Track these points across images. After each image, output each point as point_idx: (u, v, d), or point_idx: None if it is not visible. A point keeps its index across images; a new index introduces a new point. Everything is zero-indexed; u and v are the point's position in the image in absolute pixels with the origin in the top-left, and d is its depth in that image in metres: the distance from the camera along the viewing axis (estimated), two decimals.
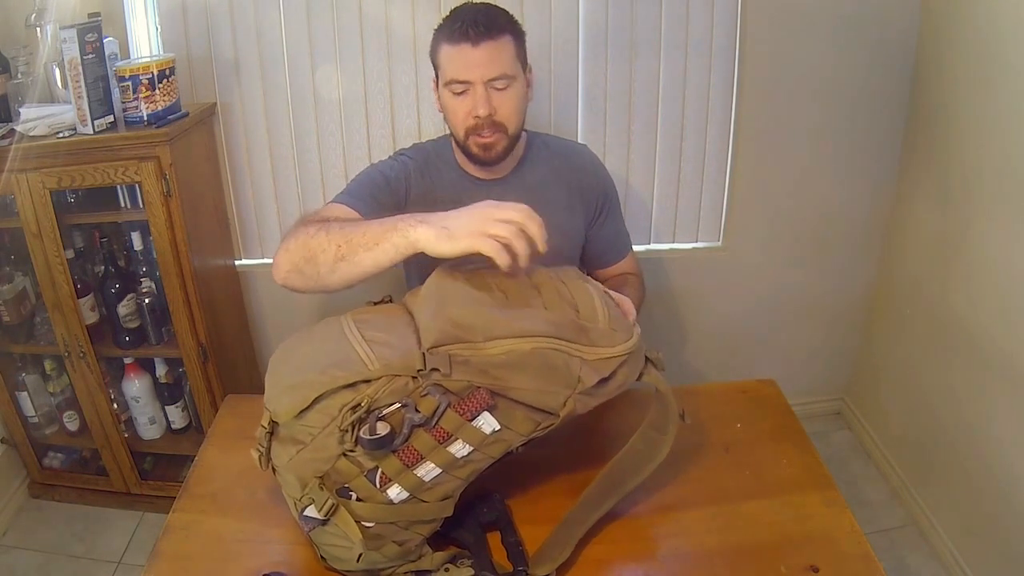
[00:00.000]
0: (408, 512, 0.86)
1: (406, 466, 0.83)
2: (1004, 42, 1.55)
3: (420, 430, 0.83)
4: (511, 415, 0.84)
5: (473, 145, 1.26)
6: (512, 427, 0.85)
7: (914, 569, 1.80)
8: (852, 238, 2.12)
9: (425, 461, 0.83)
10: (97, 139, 1.61)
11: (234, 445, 1.19)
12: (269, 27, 1.81)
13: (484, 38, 1.17)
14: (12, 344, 1.90)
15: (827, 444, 2.23)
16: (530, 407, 0.85)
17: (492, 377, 0.83)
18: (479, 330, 0.84)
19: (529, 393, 0.84)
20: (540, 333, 0.84)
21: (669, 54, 1.87)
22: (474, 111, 1.21)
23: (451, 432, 0.83)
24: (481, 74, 1.19)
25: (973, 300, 1.69)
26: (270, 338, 2.18)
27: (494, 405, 0.83)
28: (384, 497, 0.85)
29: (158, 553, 0.98)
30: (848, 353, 2.29)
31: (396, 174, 1.33)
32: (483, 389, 0.82)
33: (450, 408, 0.82)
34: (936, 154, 1.85)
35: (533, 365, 0.84)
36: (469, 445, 0.84)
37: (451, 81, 1.21)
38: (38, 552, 1.93)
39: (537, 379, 0.84)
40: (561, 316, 0.87)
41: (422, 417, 0.82)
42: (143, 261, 1.86)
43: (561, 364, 0.85)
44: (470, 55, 1.18)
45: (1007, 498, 1.57)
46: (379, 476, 0.84)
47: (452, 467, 0.85)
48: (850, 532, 0.97)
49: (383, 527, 0.86)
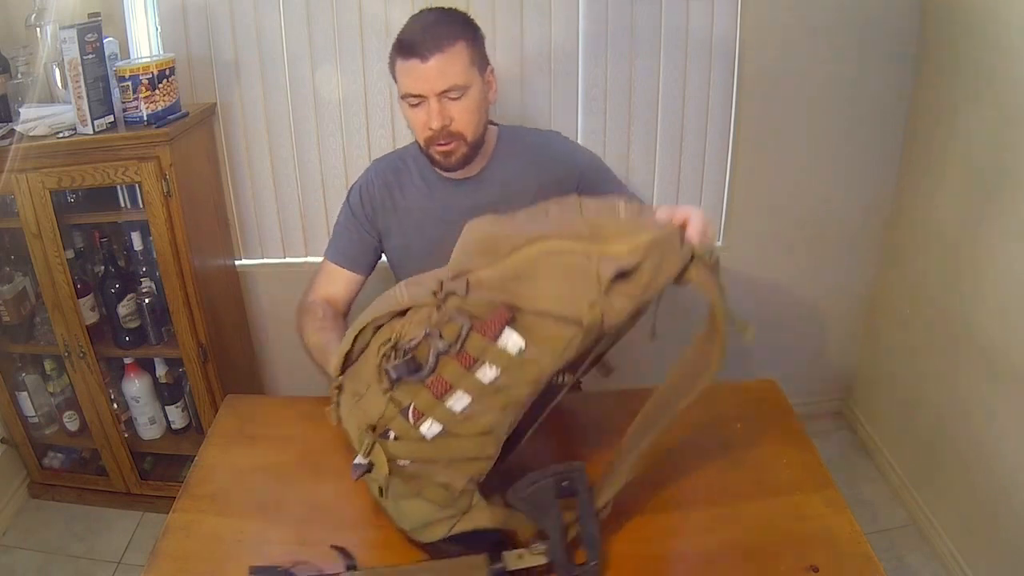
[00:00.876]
0: (443, 448, 0.85)
1: (437, 397, 0.83)
2: (1004, 42, 1.55)
3: (447, 357, 0.82)
4: (534, 329, 0.80)
5: (435, 153, 1.28)
6: (538, 343, 0.80)
7: (914, 569, 1.80)
8: (852, 238, 2.12)
9: (455, 390, 0.82)
10: (97, 139, 1.61)
11: (234, 445, 1.19)
12: (269, 27, 1.81)
13: (433, 52, 1.17)
14: (12, 344, 1.90)
15: (827, 444, 2.22)
16: (555, 318, 0.80)
17: (510, 292, 0.81)
18: (493, 250, 0.84)
19: (548, 300, 0.80)
20: (549, 236, 0.82)
21: (669, 54, 1.87)
22: (429, 123, 1.23)
23: (477, 356, 0.81)
24: (432, 88, 1.19)
25: (973, 300, 1.69)
26: (270, 338, 2.18)
27: (513, 318, 0.80)
28: (418, 434, 0.85)
29: (158, 553, 0.98)
30: (848, 353, 2.29)
31: (359, 203, 1.40)
32: (501, 305, 0.81)
33: (473, 330, 0.81)
34: (936, 154, 1.85)
35: (545, 270, 0.80)
36: (496, 367, 0.81)
37: (405, 95, 1.23)
38: (38, 552, 1.93)
39: (553, 284, 0.80)
40: (577, 222, 0.85)
41: (447, 343, 0.81)
42: (143, 261, 1.86)
43: (576, 264, 0.80)
44: (420, 70, 1.19)
45: (1007, 498, 1.57)
46: (412, 411, 0.84)
47: (484, 395, 0.82)
48: (850, 532, 0.97)
49: (420, 466, 0.86)
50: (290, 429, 1.22)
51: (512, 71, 1.85)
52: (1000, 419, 1.60)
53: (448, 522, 0.88)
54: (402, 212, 1.38)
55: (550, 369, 0.82)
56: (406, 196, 1.38)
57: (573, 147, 1.47)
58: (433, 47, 1.17)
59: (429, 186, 1.37)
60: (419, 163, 1.38)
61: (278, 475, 1.12)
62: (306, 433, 1.21)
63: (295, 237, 2.03)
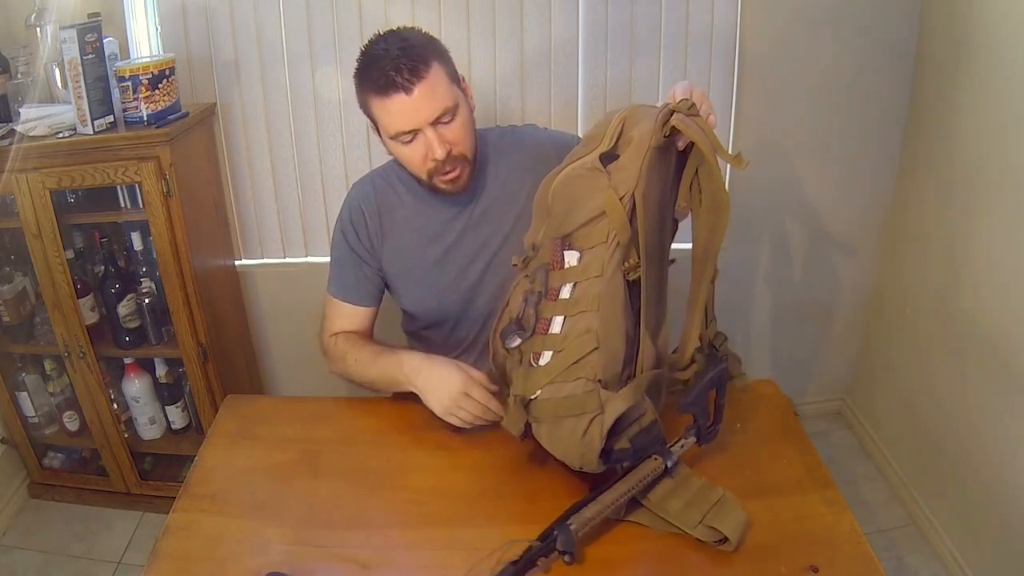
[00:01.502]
0: (557, 364, 0.98)
1: (543, 334, 1.00)
2: (1004, 42, 1.55)
3: (543, 302, 1.01)
4: (582, 239, 0.98)
5: (439, 183, 1.22)
6: (589, 247, 0.98)
7: (914, 569, 1.80)
8: (852, 238, 2.12)
9: (551, 319, 0.99)
10: (97, 139, 1.61)
11: (234, 445, 1.19)
12: (269, 27, 1.81)
13: (415, 81, 1.10)
14: (12, 344, 1.91)
15: (827, 444, 2.22)
16: (587, 222, 0.98)
17: (556, 229, 1.00)
18: (543, 208, 1.04)
19: (577, 213, 0.98)
20: (560, 169, 1.05)
21: (669, 53, 1.87)
22: (431, 155, 1.16)
23: (557, 286, 1.00)
24: (425, 118, 1.13)
25: (973, 300, 1.69)
26: (270, 338, 2.19)
27: (567, 244, 0.99)
28: (537, 367, 1.00)
29: (158, 553, 0.98)
30: (848, 353, 2.29)
31: (354, 233, 1.33)
32: (554, 240, 1.00)
33: (550, 271, 1.01)
34: (936, 154, 1.85)
35: (563, 196, 1.01)
36: (569, 283, 0.98)
37: (398, 134, 1.16)
38: (38, 552, 1.93)
39: (572, 200, 1.00)
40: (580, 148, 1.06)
41: (537, 294, 1.01)
42: (143, 261, 1.86)
43: (577, 175, 1.01)
44: (407, 104, 1.12)
45: (1007, 498, 1.57)
46: (531, 358, 1.02)
47: (569, 307, 0.98)
48: (850, 532, 0.97)
49: (547, 390, 0.98)
50: (290, 429, 1.22)
51: (512, 71, 1.85)
52: (1000, 419, 1.60)
53: (596, 425, 0.94)
54: (396, 237, 1.32)
55: (610, 259, 0.96)
56: (397, 220, 1.32)
57: (550, 135, 1.42)
58: (413, 77, 1.10)
59: (420, 205, 1.31)
60: (406, 182, 1.32)
61: (278, 475, 1.12)
62: (306, 433, 1.21)
63: (295, 237, 2.03)
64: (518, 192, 1.30)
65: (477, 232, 1.31)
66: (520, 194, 1.29)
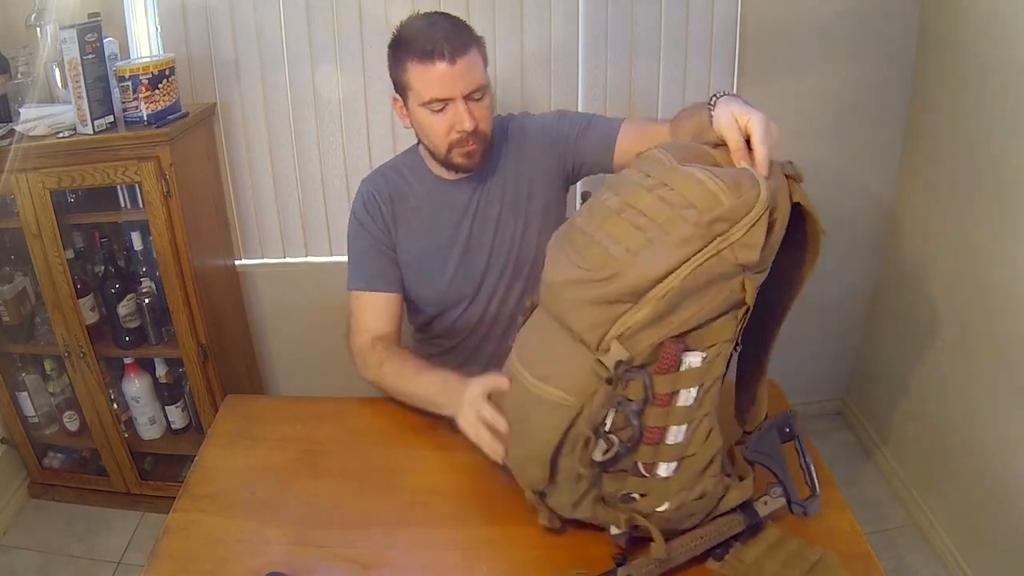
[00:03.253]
0: (686, 472, 0.87)
1: (656, 444, 0.85)
2: (1004, 41, 1.55)
3: (647, 408, 0.83)
4: (706, 337, 0.82)
5: (456, 156, 1.26)
6: (716, 342, 0.83)
7: (914, 569, 1.80)
8: (852, 238, 2.12)
9: (668, 428, 0.84)
10: (97, 139, 1.61)
11: (234, 445, 1.19)
12: (269, 27, 1.81)
13: (459, 54, 1.18)
14: (12, 344, 1.90)
15: (827, 444, 2.22)
16: (717, 316, 0.82)
17: (667, 326, 0.80)
18: (625, 292, 0.80)
19: (707, 310, 0.80)
20: (679, 260, 0.78)
21: (669, 53, 1.87)
22: (458, 126, 1.22)
23: (670, 392, 0.83)
24: (461, 90, 1.20)
25: (973, 299, 1.69)
26: (270, 338, 2.19)
27: (686, 345, 0.81)
28: (657, 480, 0.87)
29: (158, 553, 0.98)
30: (848, 353, 2.29)
31: (370, 220, 1.34)
32: (667, 340, 0.80)
33: (655, 375, 0.82)
34: (936, 153, 1.85)
35: (693, 289, 0.79)
36: (692, 388, 0.83)
37: (431, 100, 1.21)
38: (38, 552, 1.93)
39: (706, 296, 0.80)
40: (685, 227, 0.79)
41: (638, 402, 0.82)
42: (143, 261, 1.86)
43: (716, 266, 0.79)
44: (448, 73, 1.18)
45: (1008, 498, 1.57)
46: (642, 467, 0.87)
47: (693, 412, 0.85)
48: (850, 532, 0.97)
49: (676, 498, 0.87)
50: (290, 429, 1.22)
51: (512, 71, 1.85)
52: (1001, 419, 1.60)
53: (713, 507, 0.91)
54: (408, 224, 1.36)
55: (732, 342, 0.85)
56: (408, 207, 1.36)
57: (543, 119, 1.43)
58: (459, 49, 1.18)
59: (430, 192, 1.36)
60: (416, 171, 1.37)
61: (278, 475, 1.11)
62: (306, 433, 1.21)
63: (295, 237, 2.03)
64: (523, 178, 1.36)
65: (485, 216, 1.36)
66: (524, 181, 1.36)
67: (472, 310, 1.40)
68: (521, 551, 0.97)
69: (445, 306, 1.41)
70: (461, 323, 1.41)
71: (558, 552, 0.96)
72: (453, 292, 1.38)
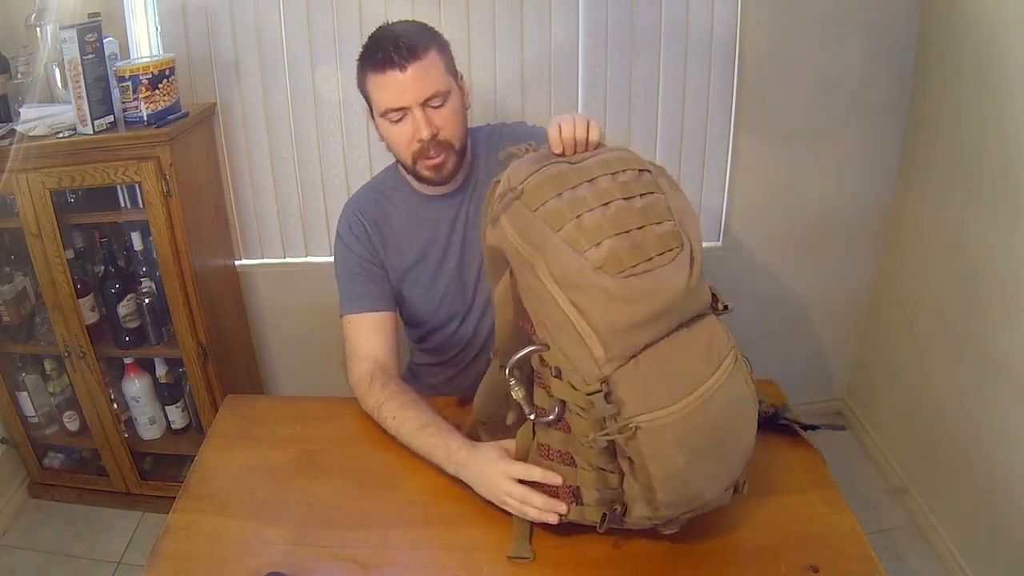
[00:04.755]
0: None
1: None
2: (1004, 42, 1.55)
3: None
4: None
5: (423, 169, 1.23)
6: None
7: (914, 569, 1.80)
8: (852, 238, 2.12)
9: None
10: (97, 139, 1.61)
11: (234, 445, 1.19)
12: (269, 27, 1.81)
13: (410, 60, 1.14)
14: (12, 344, 1.90)
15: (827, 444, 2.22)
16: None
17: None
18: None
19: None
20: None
21: (669, 54, 1.87)
22: (416, 135, 1.18)
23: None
24: (415, 97, 1.16)
25: (973, 299, 1.69)
26: (270, 338, 2.19)
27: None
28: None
29: (158, 553, 0.98)
30: (848, 353, 2.29)
31: (356, 242, 1.32)
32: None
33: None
34: (936, 153, 1.85)
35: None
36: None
37: (387, 111, 1.18)
38: (38, 552, 1.93)
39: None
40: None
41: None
42: (143, 261, 1.86)
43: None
44: (400, 81, 1.15)
45: (1008, 498, 1.57)
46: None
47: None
48: (850, 532, 0.97)
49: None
50: (290, 429, 1.22)
51: (512, 71, 1.85)
52: (1000, 419, 1.60)
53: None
54: (396, 244, 1.32)
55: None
56: (394, 228, 1.32)
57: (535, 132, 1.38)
58: (409, 56, 1.14)
59: (414, 210, 1.32)
60: (399, 190, 1.33)
61: (278, 475, 1.12)
62: (306, 433, 1.21)
63: (295, 237, 2.03)
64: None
65: (474, 230, 1.32)
66: None
67: (465, 327, 1.38)
68: None
69: (438, 324, 1.38)
70: (456, 339, 1.39)
71: (558, 552, 0.96)
72: (445, 309, 1.36)
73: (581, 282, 0.83)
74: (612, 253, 0.83)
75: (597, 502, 0.91)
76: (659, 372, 0.85)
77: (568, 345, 0.85)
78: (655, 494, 0.86)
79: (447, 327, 1.38)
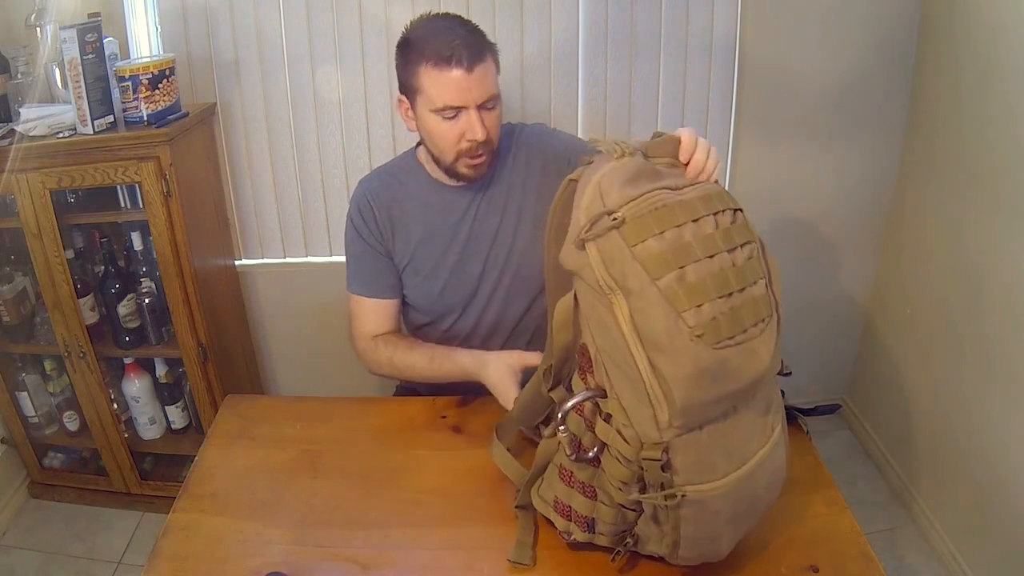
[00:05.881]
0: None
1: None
2: (1004, 42, 1.55)
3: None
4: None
5: (463, 167, 1.24)
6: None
7: (914, 569, 1.80)
8: (852, 238, 2.12)
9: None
10: (97, 139, 1.61)
11: (234, 445, 1.19)
12: (269, 27, 1.81)
13: (477, 61, 1.15)
14: (12, 344, 1.90)
15: (827, 444, 2.22)
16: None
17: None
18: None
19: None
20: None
21: (669, 53, 1.87)
22: (469, 135, 1.18)
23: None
24: (476, 98, 1.16)
25: (973, 299, 1.69)
26: (270, 338, 2.19)
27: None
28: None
29: (158, 553, 0.98)
30: (848, 353, 2.29)
31: (364, 225, 1.34)
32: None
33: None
34: (936, 154, 1.85)
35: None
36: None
37: (444, 107, 1.17)
38: (38, 552, 1.93)
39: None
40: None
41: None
42: (143, 261, 1.86)
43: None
44: (464, 81, 1.14)
45: (1007, 498, 1.57)
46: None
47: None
48: (850, 532, 0.97)
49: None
50: (290, 429, 1.22)
51: (512, 71, 1.85)
52: (1000, 419, 1.60)
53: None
54: (405, 229, 1.33)
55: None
56: (405, 212, 1.33)
57: (561, 140, 1.41)
58: (476, 57, 1.15)
59: (428, 197, 1.33)
60: (414, 176, 1.34)
61: (278, 475, 1.12)
62: (306, 433, 1.21)
63: (295, 237, 2.03)
64: (522, 188, 1.33)
65: (483, 225, 1.33)
66: (524, 191, 1.33)
67: (464, 321, 1.38)
68: None
69: (437, 314, 1.38)
70: (453, 333, 1.39)
71: (559, 552, 0.96)
72: (446, 299, 1.36)
73: (669, 345, 0.74)
74: (713, 321, 0.75)
75: (611, 533, 0.91)
76: (719, 444, 0.80)
77: (631, 401, 0.79)
78: (678, 548, 0.85)
79: (446, 319, 1.39)
